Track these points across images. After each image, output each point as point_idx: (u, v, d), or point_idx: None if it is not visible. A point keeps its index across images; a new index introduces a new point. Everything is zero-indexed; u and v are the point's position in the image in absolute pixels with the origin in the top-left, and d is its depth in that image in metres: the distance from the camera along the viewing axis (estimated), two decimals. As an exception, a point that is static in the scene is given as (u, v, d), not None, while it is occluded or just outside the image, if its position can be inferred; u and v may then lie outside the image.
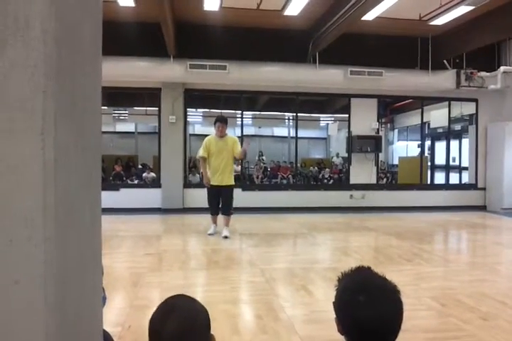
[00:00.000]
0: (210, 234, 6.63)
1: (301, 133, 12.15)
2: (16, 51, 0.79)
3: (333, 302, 1.28)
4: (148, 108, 15.03)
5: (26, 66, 0.80)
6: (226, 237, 6.49)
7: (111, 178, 12.01)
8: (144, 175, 12.55)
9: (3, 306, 0.78)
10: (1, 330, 0.78)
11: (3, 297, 0.78)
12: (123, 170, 13.14)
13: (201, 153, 6.68)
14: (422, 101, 11.09)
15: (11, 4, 0.79)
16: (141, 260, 5.16)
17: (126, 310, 3.40)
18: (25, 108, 0.80)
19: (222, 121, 6.60)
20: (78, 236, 0.98)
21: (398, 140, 19.57)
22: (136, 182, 12.45)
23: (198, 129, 17.25)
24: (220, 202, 6.71)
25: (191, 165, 12.00)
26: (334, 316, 1.27)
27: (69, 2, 0.90)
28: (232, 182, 6.72)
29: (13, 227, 0.78)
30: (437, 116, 12.31)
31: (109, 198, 8.01)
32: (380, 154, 11.13)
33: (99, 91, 1.19)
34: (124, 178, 12.68)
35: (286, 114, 18.41)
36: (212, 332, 1.22)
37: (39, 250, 0.79)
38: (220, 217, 6.76)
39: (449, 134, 12.09)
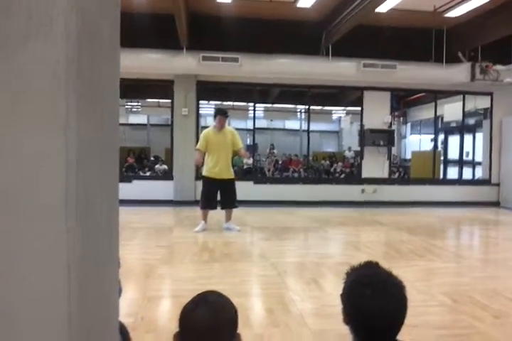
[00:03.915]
0: (197, 232, 6.40)
1: (313, 127, 12.09)
2: (39, 46, 0.80)
3: (341, 295, 1.33)
4: (160, 100, 15.10)
5: (49, 62, 0.81)
6: (239, 230, 6.53)
7: (123, 170, 12.10)
8: (157, 166, 12.63)
9: (29, 293, 0.81)
10: (28, 316, 0.81)
11: (27, 286, 0.80)
12: (135, 162, 13.24)
13: (198, 145, 6.60)
14: (435, 95, 10.97)
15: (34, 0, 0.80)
16: (154, 252, 5.21)
17: (138, 301, 3.44)
18: (49, 104, 0.80)
19: (223, 114, 6.52)
20: (97, 228, 1.00)
21: (411, 134, 19.42)
22: (148, 174, 12.54)
23: (210, 121, 17.26)
24: (221, 196, 6.60)
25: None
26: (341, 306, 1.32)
27: (90, -3, 0.91)
28: (233, 176, 6.64)
29: (37, 219, 0.80)
30: (451, 110, 12.18)
31: (122, 190, 7.99)
32: (392, 148, 11.05)
33: (117, 86, 1.20)
34: (137, 170, 12.77)
35: (298, 106, 18.35)
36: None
37: (62, 240, 0.81)
38: (215, 212, 6.66)
39: (462, 128, 11.98)
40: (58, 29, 0.80)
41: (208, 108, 15.54)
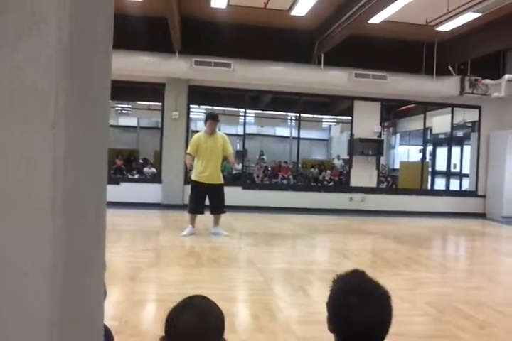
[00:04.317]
0: (184, 236, 6.36)
1: (303, 134, 12.15)
2: (31, 44, 0.80)
3: (326, 303, 1.32)
4: (151, 103, 15.05)
5: (40, 59, 0.80)
6: (227, 235, 6.49)
7: (111, 172, 12.01)
8: (145, 169, 12.56)
9: (11, 296, 0.79)
10: (9, 319, 0.80)
11: (12, 288, 0.79)
12: (124, 164, 13.15)
13: (189, 149, 6.58)
14: (425, 107, 11.10)
15: (27, -1, 0.80)
16: (140, 255, 5.16)
17: (123, 304, 3.40)
18: (39, 101, 0.80)
19: (213, 119, 6.51)
20: (84, 230, 0.99)
21: (400, 144, 19.59)
22: (136, 176, 12.47)
23: (201, 126, 17.22)
24: (209, 201, 6.56)
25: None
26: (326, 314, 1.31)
27: (83, -3, 0.91)
28: (222, 181, 6.60)
29: (23, 219, 0.79)
30: (440, 122, 12.32)
31: (109, 192, 7.87)
32: (381, 158, 11.13)
33: (109, 86, 1.19)
34: (125, 172, 12.68)
35: (288, 113, 18.41)
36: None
37: (47, 242, 0.80)
38: (204, 216, 6.64)
39: (451, 140, 12.10)
40: (51, 28, 0.80)
41: (198, 112, 15.54)
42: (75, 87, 0.87)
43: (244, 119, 10.76)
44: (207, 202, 6.60)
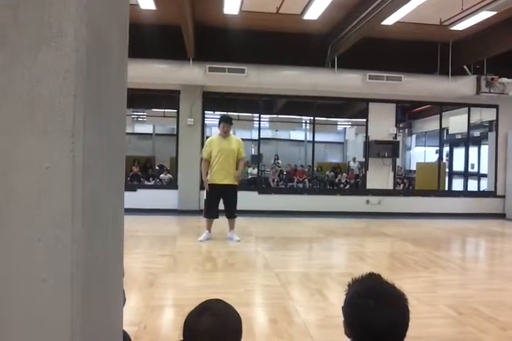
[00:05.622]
0: (201, 241, 6.42)
1: (318, 137, 12.08)
2: (49, 57, 0.82)
3: (342, 307, 1.32)
4: (166, 110, 15.19)
5: (58, 71, 0.82)
6: (238, 241, 6.48)
7: (128, 179, 12.13)
8: (162, 176, 12.65)
9: (30, 304, 0.80)
10: (29, 328, 0.81)
11: (31, 295, 0.80)
12: (140, 171, 13.28)
13: (204, 154, 6.59)
14: (441, 107, 10.98)
15: (45, 12, 0.82)
16: (157, 260, 5.20)
17: (141, 310, 3.43)
18: (57, 111, 0.82)
19: (227, 122, 6.54)
20: (103, 237, 1.00)
21: (416, 145, 19.39)
22: (153, 183, 12.56)
23: (216, 132, 17.29)
24: (224, 204, 6.55)
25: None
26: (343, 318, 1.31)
27: (99, 10, 0.93)
28: (236, 183, 6.54)
29: (43, 227, 0.81)
30: (456, 122, 12.17)
31: (126, 199, 8.01)
32: (397, 159, 11.04)
33: (125, 95, 1.22)
34: (142, 179, 12.80)
35: (303, 117, 18.39)
36: None
37: (67, 249, 0.81)
38: (220, 221, 6.66)
39: (468, 140, 11.95)
40: (68, 40, 0.82)
41: (213, 118, 15.62)
42: (92, 97, 0.89)
43: (259, 124, 10.78)
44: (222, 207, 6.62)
